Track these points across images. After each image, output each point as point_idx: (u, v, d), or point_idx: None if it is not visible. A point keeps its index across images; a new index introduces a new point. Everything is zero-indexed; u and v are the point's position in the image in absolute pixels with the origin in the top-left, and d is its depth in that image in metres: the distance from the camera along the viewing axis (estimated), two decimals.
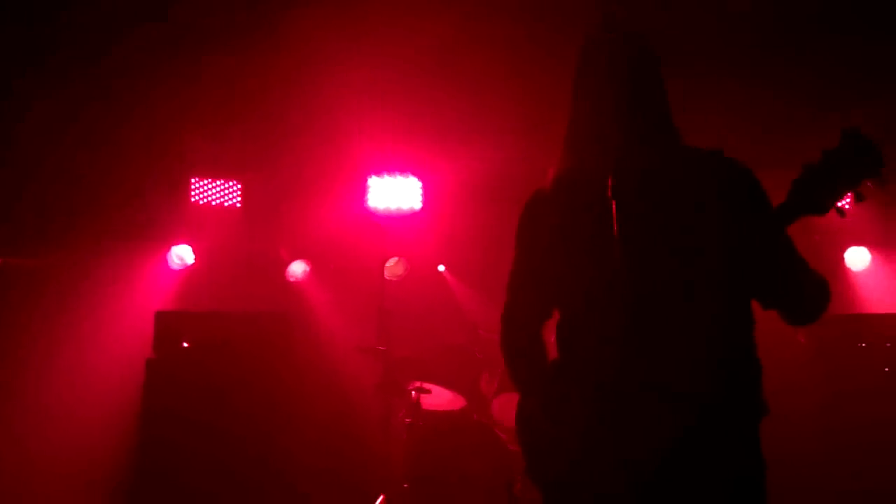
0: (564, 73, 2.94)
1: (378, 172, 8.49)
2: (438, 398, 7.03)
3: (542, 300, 3.00)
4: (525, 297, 3.02)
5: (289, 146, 8.21)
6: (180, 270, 8.50)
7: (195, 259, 8.52)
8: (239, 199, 8.76)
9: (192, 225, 8.58)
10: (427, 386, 6.92)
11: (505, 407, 6.85)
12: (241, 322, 7.28)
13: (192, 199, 8.63)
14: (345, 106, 7.45)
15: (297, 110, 7.63)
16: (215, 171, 8.66)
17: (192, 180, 8.64)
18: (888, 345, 7.25)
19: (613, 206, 2.62)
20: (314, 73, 7.17)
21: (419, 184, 8.62)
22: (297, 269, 8.70)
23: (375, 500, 6.73)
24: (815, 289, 2.71)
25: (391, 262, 7.46)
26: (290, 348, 7.38)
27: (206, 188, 8.67)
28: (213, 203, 8.69)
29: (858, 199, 2.43)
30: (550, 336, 3.04)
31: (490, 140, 7.68)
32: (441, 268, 8.92)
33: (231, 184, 8.74)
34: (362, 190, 8.50)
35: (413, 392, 6.85)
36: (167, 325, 7.17)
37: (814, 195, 2.43)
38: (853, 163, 2.39)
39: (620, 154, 2.71)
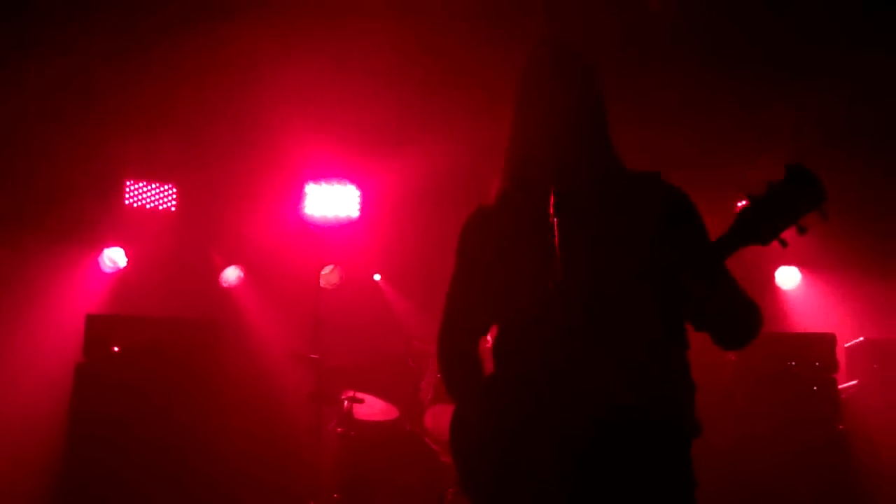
0: (505, 83, 2.94)
1: (315, 179, 8.44)
2: (371, 408, 7.00)
3: (481, 314, 3.01)
4: (464, 310, 3.03)
5: (226, 150, 8.14)
6: (112, 273, 8.38)
7: (128, 262, 8.41)
8: (174, 202, 8.67)
9: (126, 228, 8.47)
10: (360, 395, 6.88)
11: (438, 418, 6.84)
12: (173, 327, 7.19)
13: (126, 202, 8.53)
14: (283, 112, 7.41)
15: (235, 115, 7.58)
16: (150, 174, 8.57)
17: (127, 183, 8.54)
18: (817, 364, 7.35)
19: (555, 224, 2.63)
20: (253, 78, 7.14)
21: (357, 192, 8.59)
22: (231, 274, 8.61)
23: None
24: (747, 315, 2.75)
25: (326, 270, 7.41)
26: (222, 355, 7.31)
27: (140, 191, 8.57)
28: (148, 206, 8.60)
29: (801, 231, 2.46)
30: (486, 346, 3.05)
31: (429, 151, 7.68)
32: (377, 277, 8.88)
33: (166, 187, 8.65)
34: (299, 197, 8.45)
35: (345, 401, 6.81)
36: (98, 328, 7.06)
37: (758, 227, 2.46)
38: (797, 196, 2.42)
39: (563, 172, 2.73)
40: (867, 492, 7.07)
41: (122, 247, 8.40)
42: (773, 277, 8.87)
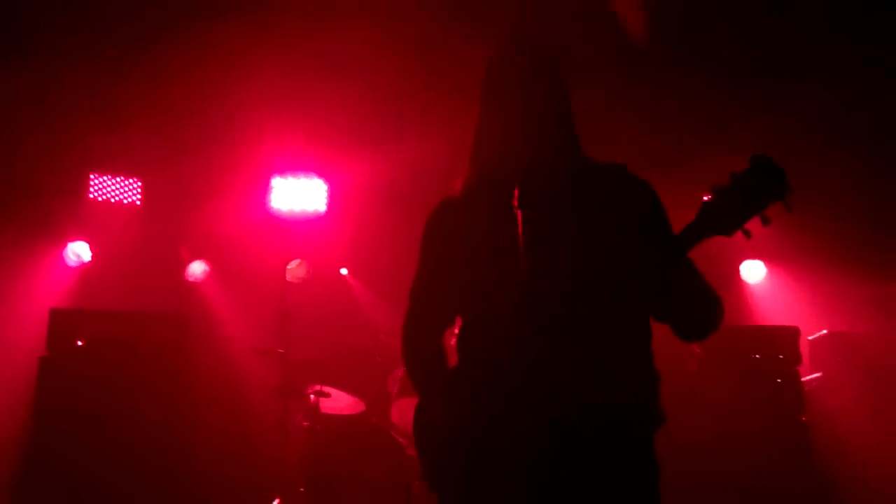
0: (475, 78, 2.94)
1: (282, 173, 8.40)
2: (337, 402, 6.99)
3: (445, 308, 3.00)
4: (428, 304, 3.03)
5: (191, 144, 8.09)
6: (77, 268, 8.32)
7: (92, 256, 8.35)
8: (139, 196, 8.61)
9: (90, 222, 8.40)
10: (326, 389, 6.87)
11: (404, 411, 6.84)
12: (139, 321, 7.14)
13: (91, 196, 8.46)
14: (249, 105, 7.38)
15: (201, 108, 7.53)
16: (115, 168, 8.50)
17: (91, 176, 8.47)
18: (780, 356, 7.41)
19: (519, 217, 2.63)
20: (220, 72, 7.09)
21: (324, 186, 8.55)
22: (197, 269, 8.56)
23: (271, 503, 6.66)
24: (709, 307, 2.77)
25: (293, 265, 7.39)
26: (188, 349, 7.26)
27: (105, 185, 8.51)
28: (113, 200, 8.53)
29: (764, 222, 2.48)
30: (450, 341, 3.05)
31: (397, 144, 7.67)
32: (344, 271, 8.87)
33: (131, 181, 8.58)
34: (265, 190, 8.40)
35: (312, 395, 6.80)
36: (62, 322, 6.99)
37: (722, 217, 2.48)
38: (761, 187, 2.44)
39: (527, 166, 2.74)
40: (829, 483, 7.15)
41: (86, 241, 8.34)
42: (738, 271, 8.94)
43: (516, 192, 2.66)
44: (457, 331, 2.96)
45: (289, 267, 7.30)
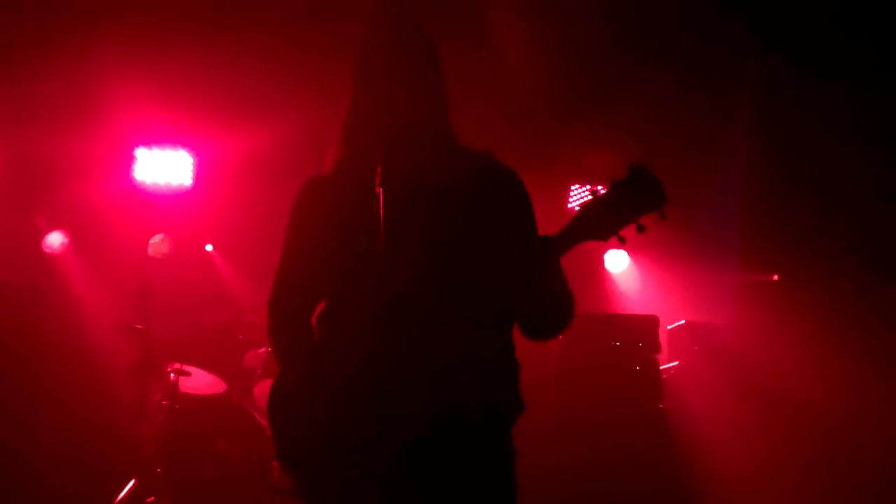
0: (351, 50, 2.90)
1: (147, 144, 8.17)
2: (198, 381, 6.86)
3: (310, 287, 2.94)
4: (292, 282, 2.97)
5: (51, 107, 7.76)
6: None
7: None
8: None
9: None
10: (187, 368, 6.73)
11: (267, 393, 6.76)
12: None
13: None
14: (113, 70, 7.12)
15: (59, 70, 7.22)
16: None
17: None
18: (640, 344, 7.57)
19: (381, 198, 2.60)
20: (83, 32, 6.83)
21: (191, 158, 8.35)
22: (55, 240, 8.28)
23: (125, 485, 6.50)
24: (565, 309, 2.79)
25: (156, 239, 7.21)
26: (41, 322, 7.02)
27: None
28: None
29: (640, 230, 2.54)
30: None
31: (268, 117, 7.53)
32: (209, 248, 8.70)
33: None
34: (129, 161, 8.16)
35: (171, 374, 6.65)
36: None
37: (600, 223, 2.52)
38: (639, 197, 2.50)
39: (392, 146, 2.71)
40: (683, 466, 7.34)
41: None
42: (602, 260, 9.12)
43: (378, 171, 2.63)
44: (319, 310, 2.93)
45: (151, 241, 7.11)
